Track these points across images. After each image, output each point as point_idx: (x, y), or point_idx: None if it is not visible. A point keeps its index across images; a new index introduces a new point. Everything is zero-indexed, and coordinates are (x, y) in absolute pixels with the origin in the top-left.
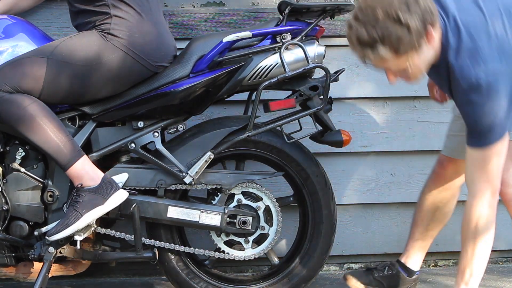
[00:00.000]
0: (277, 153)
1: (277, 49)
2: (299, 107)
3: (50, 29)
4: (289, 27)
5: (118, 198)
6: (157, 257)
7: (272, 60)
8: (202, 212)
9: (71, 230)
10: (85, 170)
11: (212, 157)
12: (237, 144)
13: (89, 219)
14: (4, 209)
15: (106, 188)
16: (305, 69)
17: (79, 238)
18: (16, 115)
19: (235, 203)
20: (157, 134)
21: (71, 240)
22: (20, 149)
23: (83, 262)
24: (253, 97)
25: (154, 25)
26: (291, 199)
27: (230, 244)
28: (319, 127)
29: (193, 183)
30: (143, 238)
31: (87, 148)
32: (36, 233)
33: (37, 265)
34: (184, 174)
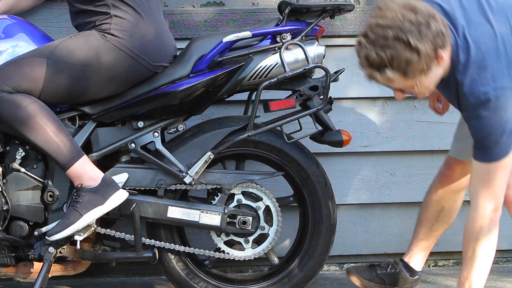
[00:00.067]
0: (277, 153)
1: (277, 49)
2: (299, 107)
3: (50, 29)
4: (289, 27)
5: (118, 198)
6: (157, 257)
7: (272, 60)
8: (202, 212)
9: (71, 230)
10: (85, 170)
11: (212, 157)
12: (237, 144)
13: (89, 219)
14: (4, 209)
15: (106, 188)
16: (305, 69)
17: (79, 238)
18: (16, 115)
19: (235, 203)
20: (157, 134)
21: (71, 240)
22: (20, 149)
23: (83, 262)
24: (253, 97)
25: (154, 25)
26: (291, 199)
27: (230, 244)
28: (319, 127)
29: (193, 183)
30: (143, 238)
31: (87, 148)
32: (36, 233)
33: (37, 265)
34: (184, 174)
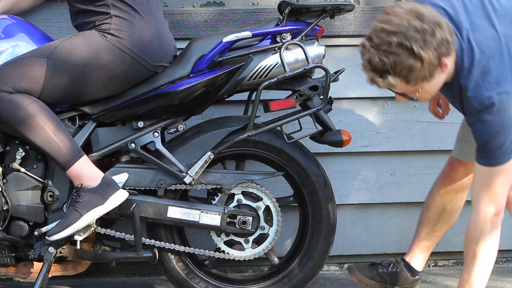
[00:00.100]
0: (277, 153)
1: (277, 49)
2: (299, 107)
3: (50, 29)
4: (289, 27)
5: (118, 198)
6: (157, 257)
7: (272, 60)
8: (202, 212)
9: (71, 230)
10: (85, 170)
11: (212, 157)
12: (237, 144)
13: (89, 219)
14: (4, 209)
15: (106, 188)
16: (305, 69)
17: (79, 238)
18: (16, 115)
19: (235, 203)
20: (157, 134)
21: (71, 240)
22: (20, 149)
23: (83, 262)
24: (253, 97)
25: (154, 25)
26: (291, 199)
27: (230, 244)
28: (319, 127)
29: (193, 183)
30: (143, 238)
31: (87, 148)
32: (36, 233)
33: (37, 265)
34: (184, 174)
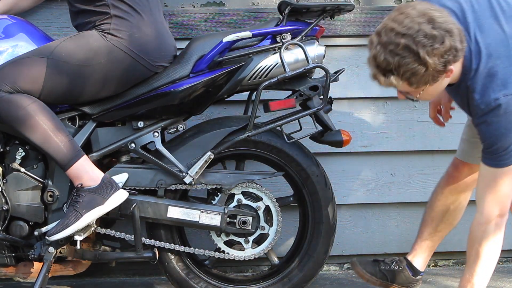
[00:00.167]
0: (277, 153)
1: (277, 49)
2: (299, 107)
3: (50, 29)
4: (289, 27)
5: (118, 198)
6: (157, 257)
7: (272, 60)
8: (202, 212)
9: (71, 230)
10: (85, 170)
11: (212, 157)
12: (237, 144)
13: (89, 219)
14: (4, 209)
15: (106, 188)
16: (305, 69)
17: (79, 238)
18: (16, 115)
19: (235, 203)
20: (157, 134)
21: (71, 240)
22: (20, 149)
23: (83, 262)
24: (253, 97)
25: (154, 25)
26: (291, 199)
27: (230, 244)
28: (319, 127)
29: (193, 183)
30: (143, 238)
31: (87, 148)
32: (36, 233)
33: (37, 265)
34: (184, 174)
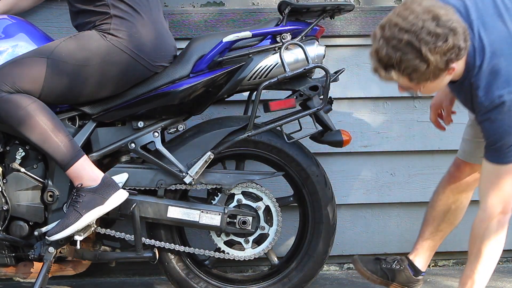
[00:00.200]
0: (277, 153)
1: (277, 49)
2: (299, 107)
3: (50, 29)
4: (289, 27)
5: (118, 198)
6: (157, 257)
7: (272, 60)
8: (202, 212)
9: (71, 230)
10: (85, 170)
11: (212, 157)
12: (237, 144)
13: (89, 219)
14: (4, 209)
15: (106, 188)
16: (305, 69)
17: (79, 238)
18: (16, 115)
19: (235, 203)
20: (157, 134)
21: (71, 240)
22: (20, 149)
23: (83, 262)
24: (253, 97)
25: (154, 25)
26: (291, 199)
27: (230, 244)
28: (319, 127)
29: (193, 183)
30: (143, 238)
31: (87, 148)
32: (36, 233)
33: (37, 265)
34: (184, 174)
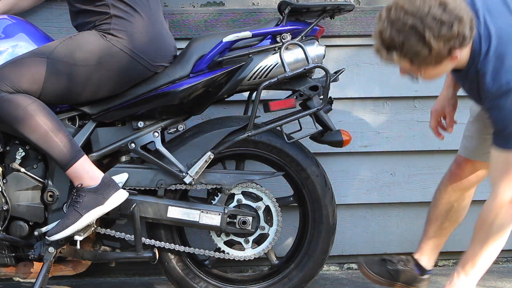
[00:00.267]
0: (277, 153)
1: (277, 49)
2: (299, 107)
3: (50, 29)
4: (289, 27)
5: (118, 198)
6: (157, 257)
7: (272, 60)
8: (202, 212)
9: (71, 230)
10: (85, 170)
11: (212, 157)
12: (237, 144)
13: (89, 219)
14: (4, 209)
15: (106, 188)
16: (305, 69)
17: (79, 238)
18: (16, 115)
19: (235, 203)
20: (157, 134)
21: (71, 240)
22: (20, 149)
23: (83, 262)
24: (253, 97)
25: (154, 25)
26: (291, 199)
27: (230, 244)
28: (319, 127)
29: (193, 183)
30: (143, 238)
31: (87, 148)
32: (36, 233)
33: (37, 265)
34: (184, 174)
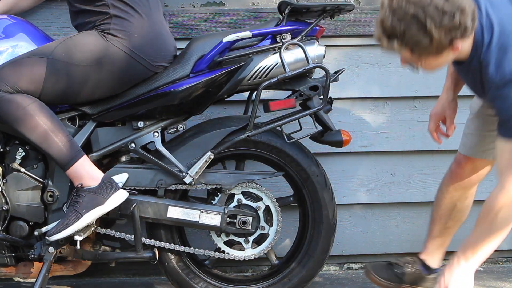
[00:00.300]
0: (277, 153)
1: (277, 49)
2: (299, 107)
3: (50, 29)
4: (289, 27)
5: (118, 198)
6: (157, 257)
7: (272, 60)
8: (202, 212)
9: (71, 230)
10: (85, 170)
11: (212, 157)
12: (237, 144)
13: (89, 219)
14: (4, 209)
15: (106, 188)
16: (305, 69)
17: (79, 238)
18: (16, 115)
19: (235, 203)
20: (157, 134)
21: (71, 240)
22: (20, 149)
23: (83, 262)
24: (253, 97)
25: (154, 25)
26: (291, 199)
27: (230, 244)
28: (319, 127)
29: (193, 183)
30: (143, 238)
31: (87, 148)
32: (36, 233)
33: (37, 265)
34: (184, 174)
